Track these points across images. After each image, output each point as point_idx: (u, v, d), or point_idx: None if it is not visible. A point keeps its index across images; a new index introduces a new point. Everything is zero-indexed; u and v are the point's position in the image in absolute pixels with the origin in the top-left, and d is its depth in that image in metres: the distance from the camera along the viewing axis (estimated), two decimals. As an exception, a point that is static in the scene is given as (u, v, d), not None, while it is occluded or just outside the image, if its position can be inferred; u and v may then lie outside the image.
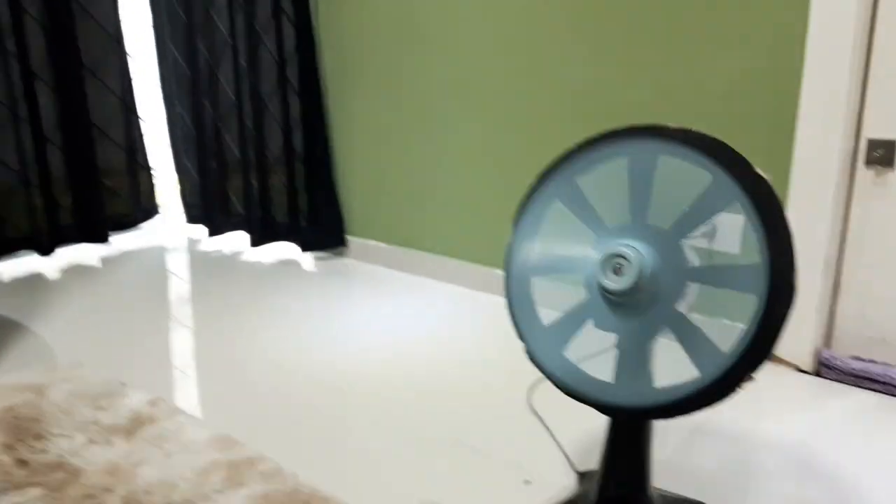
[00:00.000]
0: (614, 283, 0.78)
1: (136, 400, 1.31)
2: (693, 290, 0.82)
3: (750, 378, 0.75)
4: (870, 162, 1.25)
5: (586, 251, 0.85)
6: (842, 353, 1.34)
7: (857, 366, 1.28)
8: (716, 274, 0.77)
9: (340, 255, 2.22)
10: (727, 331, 0.78)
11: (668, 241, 0.79)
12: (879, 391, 1.27)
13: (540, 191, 0.89)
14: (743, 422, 1.19)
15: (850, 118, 1.23)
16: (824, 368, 1.33)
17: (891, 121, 1.22)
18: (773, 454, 1.09)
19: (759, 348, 0.73)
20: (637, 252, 0.77)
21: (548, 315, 0.90)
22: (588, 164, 0.85)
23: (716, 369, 0.75)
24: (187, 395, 1.35)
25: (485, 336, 1.57)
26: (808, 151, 1.26)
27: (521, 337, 0.90)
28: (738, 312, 0.76)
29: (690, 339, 0.77)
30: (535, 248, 0.90)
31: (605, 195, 0.85)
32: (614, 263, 0.78)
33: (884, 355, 1.30)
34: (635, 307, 0.80)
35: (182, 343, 1.60)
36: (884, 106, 1.23)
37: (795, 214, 1.30)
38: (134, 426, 1.22)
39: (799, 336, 1.34)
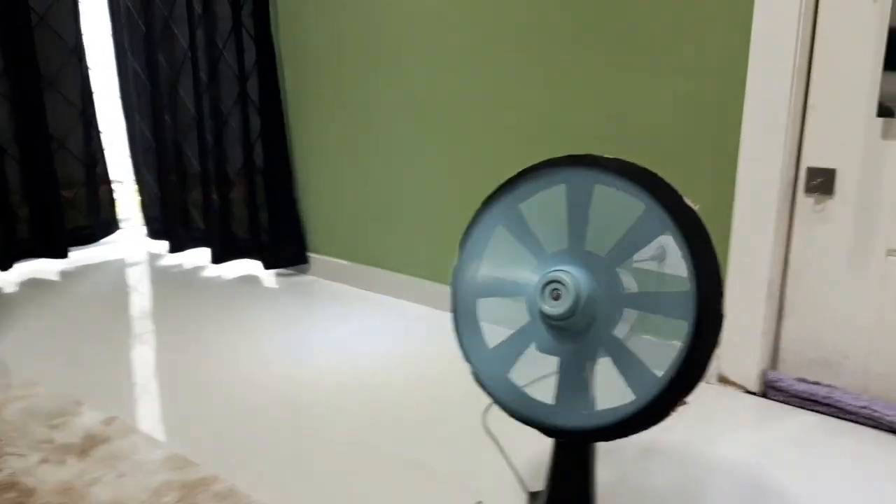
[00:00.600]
0: (552, 307, 0.80)
1: (90, 419, 1.29)
2: (630, 315, 0.84)
3: (683, 402, 0.77)
4: (809, 190, 1.29)
5: (528, 275, 0.87)
6: (787, 374, 1.37)
7: (801, 388, 1.32)
8: (649, 300, 0.80)
9: (302, 272, 2.22)
10: (663, 354, 0.80)
11: (604, 268, 0.81)
12: (823, 413, 1.30)
13: (484, 215, 0.91)
14: (691, 443, 1.21)
15: (790, 147, 1.27)
16: (770, 390, 1.36)
17: (829, 150, 1.27)
18: (720, 475, 1.12)
19: (690, 373, 0.75)
20: (574, 278, 0.79)
21: (493, 337, 0.92)
22: (529, 190, 0.87)
23: (649, 393, 0.77)
24: (144, 414, 1.34)
25: (443, 354, 1.58)
26: (751, 179, 1.30)
27: (467, 358, 0.92)
28: (675, 335, 0.79)
29: (626, 363, 0.79)
30: (481, 271, 0.92)
31: (545, 221, 0.87)
32: (552, 289, 0.80)
33: (827, 377, 1.34)
34: (574, 331, 0.82)
35: (141, 360, 1.59)
36: (822, 135, 1.27)
37: (739, 240, 1.33)
38: (87, 445, 1.21)
39: (745, 358, 1.37)
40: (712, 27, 1.31)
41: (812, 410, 1.31)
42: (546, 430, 0.83)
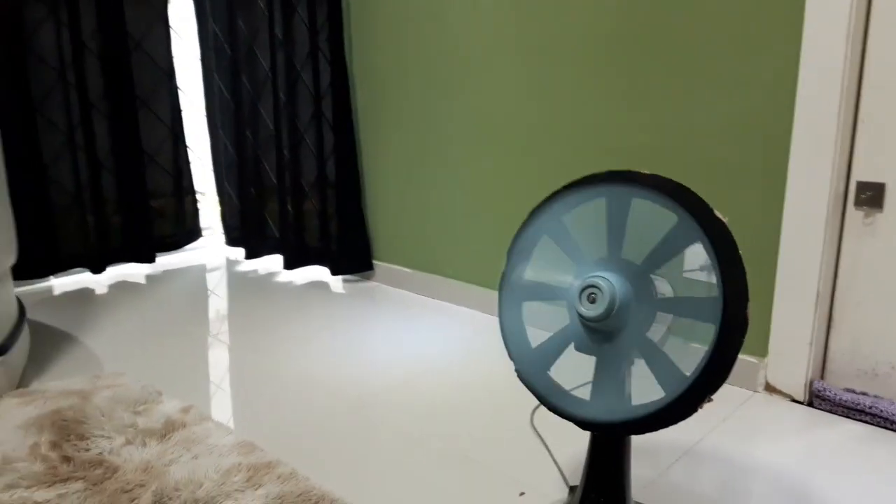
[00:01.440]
0: (589, 310, 0.87)
1: (169, 407, 1.43)
2: (664, 318, 0.90)
3: (709, 399, 0.83)
4: (859, 203, 1.32)
5: (569, 281, 0.94)
6: (834, 385, 1.39)
7: (847, 397, 1.34)
8: (680, 304, 0.86)
9: (367, 278, 2.34)
10: (693, 356, 0.86)
11: (639, 275, 0.88)
12: (868, 422, 1.32)
13: (530, 225, 0.99)
14: (735, 447, 1.25)
15: (839, 161, 1.30)
16: (817, 399, 1.38)
17: (879, 164, 1.29)
18: (760, 479, 1.16)
19: (716, 372, 0.81)
20: (609, 283, 0.86)
21: (536, 337, 0.99)
22: (572, 203, 0.95)
23: (678, 390, 0.83)
24: (217, 404, 1.47)
25: (496, 358, 1.66)
26: (800, 193, 1.33)
27: (512, 357, 1.00)
28: (705, 339, 0.85)
29: (658, 363, 0.86)
30: (526, 277, 1.00)
31: (586, 231, 0.94)
32: (589, 293, 0.87)
33: (874, 388, 1.35)
34: (609, 333, 0.89)
35: (216, 356, 1.73)
36: (873, 149, 1.30)
37: (788, 252, 1.37)
38: (167, 430, 1.34)
39: (793, 368, 1.40)
40: (763, 43, 1.36)
41: (857, 420, 1.33)
42: (582, 423, 0.90)
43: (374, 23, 2.10)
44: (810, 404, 1.40)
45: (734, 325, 0.80)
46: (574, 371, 1.10)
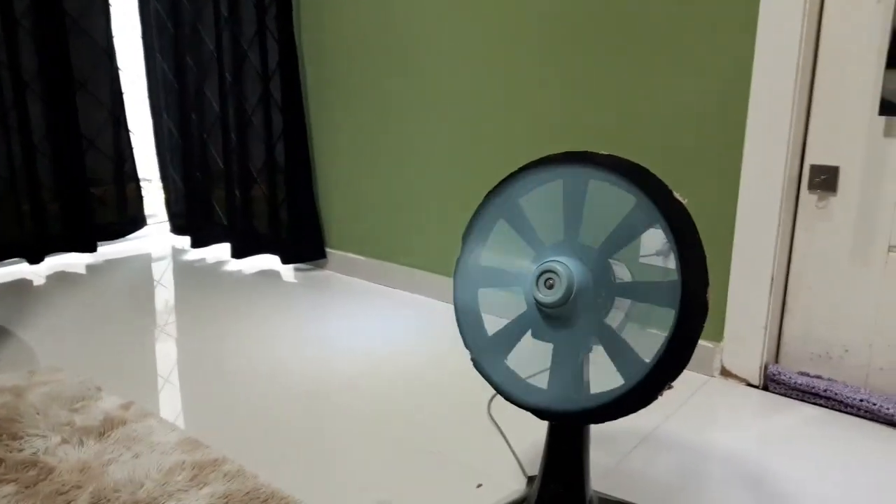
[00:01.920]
0: (546, 296, 0.84)
1: (109, 403, 1.36)
2: (623, 304, 0.88)
3: (669, 386, 0.81)
4: (812, 187, 1.32)
5: (526, 266, 0.91)
6: (789, 368, 1.40)
7: (802, 381, 1.34)
8: (638, 289, 0.83)
9: (320, 267, 2.28)
10: (652, 342, 0.84)
11: (597, 259, 0.85)
12: (823, 406, 1.33)
13: (486, 209, 0.95)
14: (692, 433, 1.24)
15: (794, 144, 1.29)
16: (772, 383, 1.39)
17: (833, 147, 1.29)
18: (717, 464, 1.15)
19: (675, 357, 0.79)
20: (566, 268, 0.83)
21: (492, 324, 0.96)
22: (528, 186, 0.91)
23: (637, 377, 0.81)
24: (161, 400, 1.40)
25: (453, 346, 1.63)
26: (755, 176, 1.33)
27: (467, 345, 0.96)
28: (664, 325, 0.82)
29: (616, 350, 0.83)
30: (482, 263, 0.96)
31: (543, 215, 0.91)
32: (546, 278, 0.84)
33: (828, 371, 1.36)
34: (567, 319, 0.86)
35: (160, 350, 1.66)
36: (826, 133, 1.29)
37: (743, 236, 1.36)
38: (105, 428, 1.27)
39: (748, 352, 1.40)
40: (719, 28, 1.34)
41: (812, 403, 1.34)
42: (539, 412, 0.87)
43: (325, 1, 2.03)
44: (765, 388, 1.40)
45: (694, 309, 0.78)
46: (531, 359, 1.07)
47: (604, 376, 0.87)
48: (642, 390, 0.80)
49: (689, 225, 0.80)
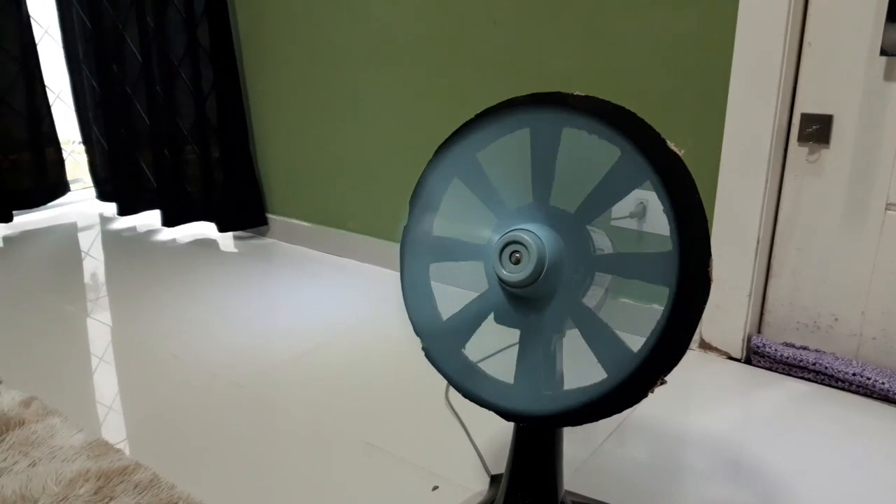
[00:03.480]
0: (512, 273, 0.68)
1: (7, 400, 1.17)
2: (603, 279, 0.73)
3: (662, 381, 0.66)
4: (803, 138, 1.18)
5: (487, 235, 0.75)
6: (773, 339, 1.28)
7: (788, 353, 1.22)
8: (625, 263, 0.68)
9: (261, 234, 2.08)
10: (642, 321, 0.69)
11: (572, 226, 0.69)
12: (811, 380, 1.21)
13: (437, 166, 0.79)
14: (671, 414, 1.12)
15: (783, 90, 1.15)
16: (755, 356, 1.26)
17: (827, 94, 1.15)
18: (700, 452, 1.02)
19: (670, 347, 0.64)
20: (536, 238, 0.67)
21: (447, 306, 0.80)
22: (488, 137, 0.75)
23: (623, 371, 0.66)
24: (69, 394, 1.22)
25: (407, 323, 1.47)
26: (739, 125, 1.18)
27: (418, 332, 0.80)
28: (657, 298, 0.68)
29: (597, 336, 0.68)
30: (434, 232, 0.80)
31: (506, 172, 0.75)
32: (512, 251, 0.68)
33: (816, 342, 1.24)
34: (537, 300, 0.71)
35: (75, 333, 1.46)
36: (819, 77, 1.15)
37: (726, 193, 1.22)
38: (0, 430, 1.09)
39: (729, 322, 1.27)
40: (699, -42, 1.18)
41: (799, 378, 1.22)
42: (504, 413, 0.72)
43: (256, -63, 1.80)
44: (748, 362, 1.28)
45: (694, 286, 0.63)
46: (495, 347, 0.92)
47: (582, 369, 0.72)
48: (629, 387, 0.65)
49: (687, 183, 0.64)
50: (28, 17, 2.16)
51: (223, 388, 1.22)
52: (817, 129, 1.16)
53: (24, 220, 2.30)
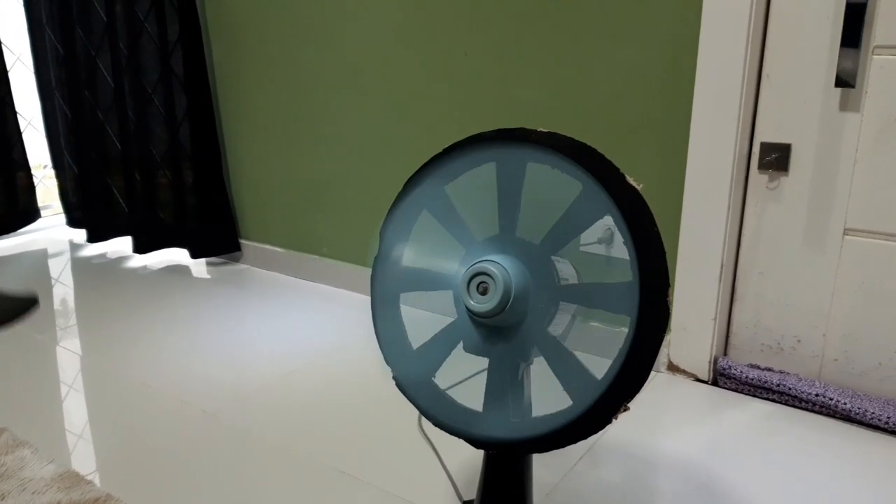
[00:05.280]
0: (479, 304, 0.70)
1: (-26, 431, 1.16)
2: (569, 307, 0.75)
3: (625, 408, 0.68)
4: (763, 166, 1.22)
5: (455, 266, 0.77)
6: (739, 361, 1.31)
7: (753, 374, 1.25)
8: (588, 293, 0.70)
9: (234, 260, 2.08)
10: (609, 345, 0.71)
11: (538, 257, 0.71)
12: (776, 401, 1.24)
13: (407, 198, 0.81)
14: (640, 437, 1.14)
15: (743, 120, 1.19)
16: (722, 378, 1.29)
17: (785, 124, 1.19)
18: (668, 471, 1.04)
19: (633, 374, 0.66)
20: (502, 269, 0.69)
21: (417, 335, 0.81)
22: (456, 170, 0.77)
23: (588, 399, 0.68)
24: (39, 425, 1.20)
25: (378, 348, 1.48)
26: (702, 154, 1.22)
27: (388, 361, 0.82)
28: (621, 321, 0.70)
29: (562, 364, 0.70)
30: (403, 262, 0.81)
31: (474, 204, 0.77)
32: (479, 282, 0.70)
33: (780, 363, 1.28)
34: (504, 329, 0.73)
35: (45, 361, 1.45)
36: (778, 108, 1.19)
37: (690, 220, 1.26)
38: (-33, 463, 1.07)
39: (696, 344, 1.30)
40: (660, -7, 1.22)
41: (765, 399, 1.25)
42: (474, 441, 0.73)
43: (230, -34, 1.83)
44: (715, 383, 1.31)
45: (653, 315, 0.65)
46: (464, 375, 0.93)
47: (548, 394, 0.74)
48: (594, 414, 0.67)
49: (645, 215, 0.67)
50: (0, 43, 2.15)
51: (195, 416, 1.22)
52: (776, 158, 1.20)
53: (-7, 247, 2.28)
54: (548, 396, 0.74)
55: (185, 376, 1.37)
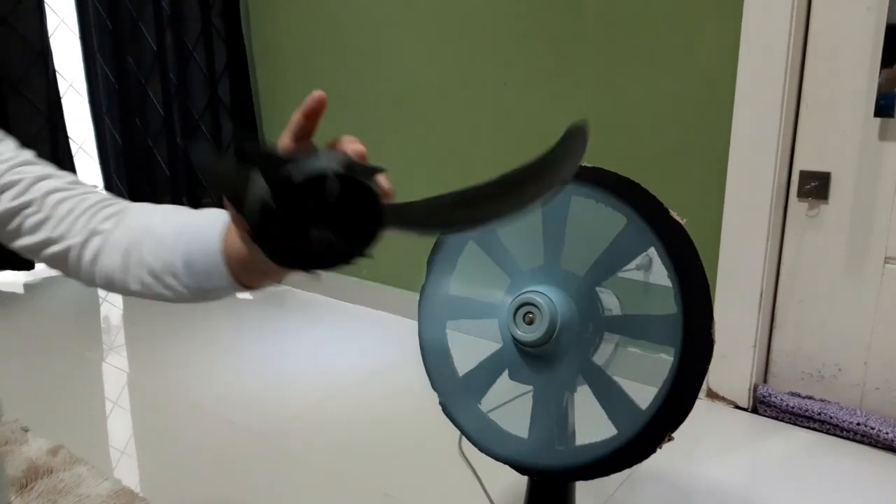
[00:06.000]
0: (526, 333, 0.72)
1: (35, 448, 1.20)
2: (612, 337, 0.77)
3: (670, 437, 0.70)
4: (802, 195, 1.22)
5: (501, 296, 0.79)
6: (779, 389, 1.30)
7: (793, 403, 1.25)
8: (632, 324, 0.72)
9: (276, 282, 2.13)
10: (652, 372, 0.73)
11: (582, 288, 0.74)
12: (816, 429, 1.23)
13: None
14: (678, 464, 1.14)
15: (782, 149, 1.20)
16: (762, 405, 1.29)
17: (824, 152, 1.20)
18: (709, 499, 1.05)
19: (676, 405, 0.68)
20: (548, 300, 0.72)
21: (463, 362, 0.84)
22: (501, 203, 0.80)
23: (633, 427, 0.70)
24: (94, 442, 1.25)
25: (420, 372, 1.50)
26: (741, 183, 1.23)
27: (435, 387, 0.84)
28: (664, 349, 0.71)
29: (607, 393, 0.72)
30: (450, 292, 0.84)
31: (519, 237, 0.79)
32: (525, 312, 0.73)
33: (819, 391, 1.27)
34: (549, 358, 0.75)
35: (99, 381, 1.50)
36: (817, 137, 1.20)
37: (729, 248, 1.27)
38: (28, 478, 1.12)
39: (736, 372, 1.30)
40: (700, 25, 1.24)
41: (805, 427, 1.24)
42: (519, 467, 0.76)
43: (276, -2, 1.89)
44: (755, 411, 1.30)
45: (697, 347, 0.67)
46: (509, 401, 0.95)
47: (593, 425, 0.76)
48: (638, 443, 0.69)
49: (689, 249, 0.69)
50: (54, 72, 2.25)
51: (243, 436, 1.26)
52: (816, 186, 1.21)
53: (45, 268, 2.36)
54: (592, 425, 0.75)
55: (231, 396, 1.41)
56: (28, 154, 0.66)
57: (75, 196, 0.61)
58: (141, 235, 0.58)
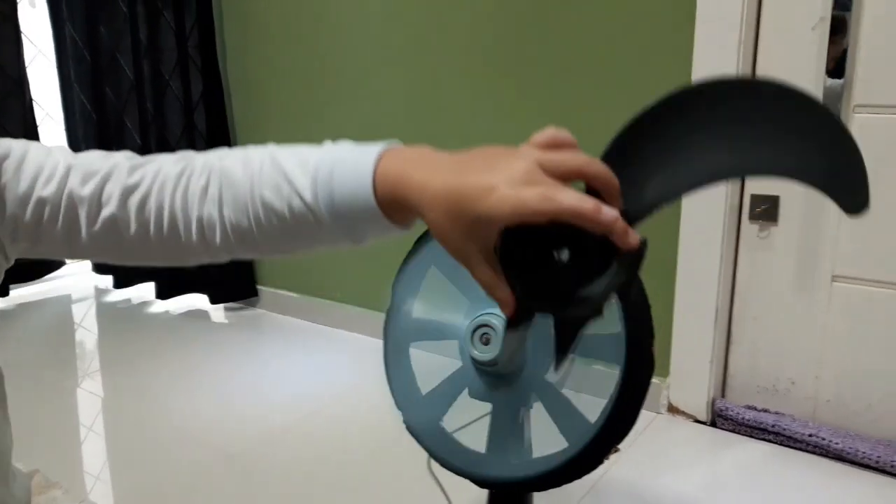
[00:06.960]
0: (482, 353, 0.77)
1: (9, 473, 1.22)
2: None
3: (615, 449, 0.74)
4: (753, 217, 1.29)
5: (461, 318, 0.84)
6: (736, 402, 1.36)
7: (750, 416, 1.30)
8: (583, 343, 0.77)
9: (251, 305, 2.16)
10: (606, 385, 0.77)
11: (535, 310, 0.78)
12: (772, 441, 1.29)
13: (416, 255, 0.88)
14: (641, 476, 1.19)
15: (733, 174, 1.26)
16: (720, 419, 1.34)
17: (772, 177, 1.26)
18: (664, 511, 1.09)
19: (623, 418, 0.73)
20: (503, 321, 0.76)
21: (426, 382, 0.88)
22: (460, 230, 0.84)
23: (582, 441, 0.74)
24: (70, 466, 1.27)
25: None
26: (696, 206, 1.29)
27: (398, 406, 0.88)
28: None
29: (558, 409, 0.77)
30: (413, 315, 0.88)
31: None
32: (482, 333, 0.77)
33: (775, 404, 1.33)
34: (506, 377, 0.79)
35: (73, 406, 1.52)
36: (765, 162, 1.27)
37: (686, 268, 1.32)
38: (2, 504, 1.14)
39: (694, 387, 1.36)
40: (654, 53, 1.31)
41: (761, 439, 1.30)
42: (478, 481, 0.80)
43: (250, 28, 1.94)
44: (713, 424, 1.36)
45: (640, 364, 0.72)
46: (469, 419, 0.99)
47: (548, 438, 0.80)
48: (587, 455, 0.73)
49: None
50: (31, 100, 2.28)
51: (217, 459, 1.28)
52: (766, 209, 1.28)
53: (20, 294, 2.37)
54: (547, 439, 0.80)
55: (205, 419, 1.43)
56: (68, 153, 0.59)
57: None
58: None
